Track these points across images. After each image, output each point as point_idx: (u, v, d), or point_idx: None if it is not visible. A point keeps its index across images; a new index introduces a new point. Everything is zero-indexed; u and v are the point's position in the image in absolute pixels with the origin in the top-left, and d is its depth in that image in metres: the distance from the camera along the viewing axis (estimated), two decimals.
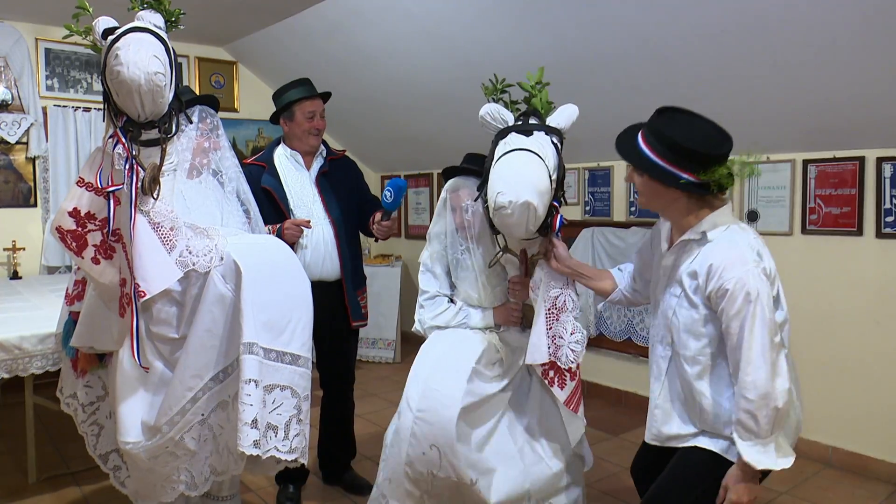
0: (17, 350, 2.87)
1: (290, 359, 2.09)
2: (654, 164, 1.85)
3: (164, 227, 2.02)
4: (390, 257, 5.96)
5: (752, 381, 1.74)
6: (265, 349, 2.03)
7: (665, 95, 3.62)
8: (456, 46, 4.12)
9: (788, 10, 2.81)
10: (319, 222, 2.94)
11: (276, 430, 2.05)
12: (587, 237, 4.44)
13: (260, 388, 2.00)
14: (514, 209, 1.91)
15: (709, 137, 1.83)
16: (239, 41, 5.45)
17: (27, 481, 3.25)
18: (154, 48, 1.86)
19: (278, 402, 2.06)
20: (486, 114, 2.12)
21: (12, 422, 3.86)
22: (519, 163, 1.97)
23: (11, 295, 3.89)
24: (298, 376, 2.10)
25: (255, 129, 5.88)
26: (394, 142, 5.67)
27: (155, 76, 1.83)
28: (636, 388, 4.39)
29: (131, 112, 1.91)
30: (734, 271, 1.77)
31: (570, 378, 2.10)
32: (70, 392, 2.47)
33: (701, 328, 1.88)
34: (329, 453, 3.22)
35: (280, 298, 2.09)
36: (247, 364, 1.98)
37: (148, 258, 1.97)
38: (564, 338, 2.08)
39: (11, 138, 4.74)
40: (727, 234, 1.86)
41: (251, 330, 2.00)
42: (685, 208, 1.90)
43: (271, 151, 3.03)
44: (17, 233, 4.78)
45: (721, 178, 1.82)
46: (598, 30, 3.45)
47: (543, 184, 1.96)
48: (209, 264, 2.06)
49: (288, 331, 2.08)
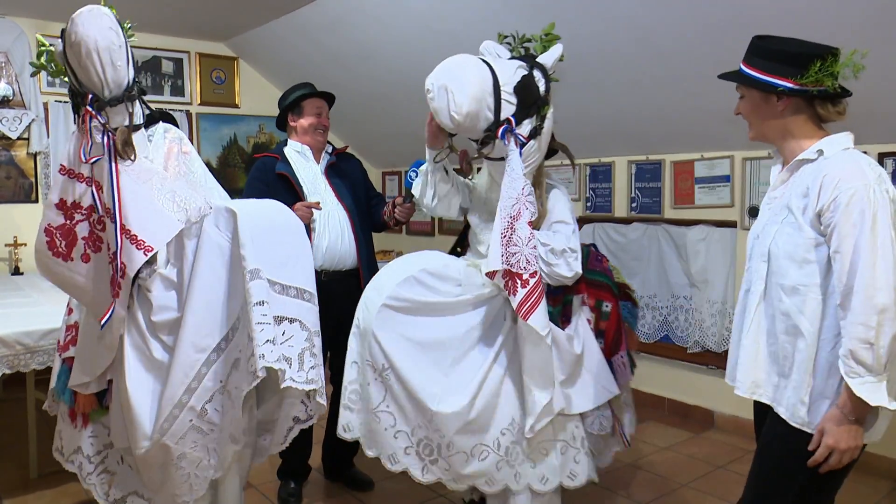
0: (18, 346, 2.87)
1: (296, 292, 2.09)
2: (749, 76, 1.76)
3: (155, 183, 2.04)
4: (391, 253, 5.95)
5: (874, 304, 1.53)
6: (269, 280, 2.02)
7: (666, 91, 3.62)
8: (457, 42, 4.08)
9: (788, 6, 2.80)
10: (333, 209, 2.97)
11: (290, 362, 2.03)
12: (588, 233, 4.44)
13: (270, 315, 1.99)
14: (434, 91, 2.10)
15: (801, 42, 1.71)
16: (240, 37, 5.44)
17: (28, 476, 3.26)
18: (104, 11, 1.92)
19: (289, 335, 2.05)
20: (483, 48, 2.29)
21: (13, 417, 3.87)
22: (455, 59, 2.15)
23: (13, 291, 3.90)
24: (306, 310, 2.10)
25: (255, 125, 5.87)
26: (395, 137, 5.66)
27: (108, 32, 1.88)
28: (637, 384, 4.36)
29: (96, 85, 1.94)
30: (852, 182, 1.58)
31: (521, 285, 2.08)
32: (72, 448, 2.36)
33: (805, 254, 1.67)
34: (332, 448, 3.22)
35: (278, 235, 2.12)
36: (255, 288, 1.97)
37: (145, 213, 1.97)
38: (520, 246, 2.11)
39: (13, 134, 4.74)
40: (847, 153, 1.67)
41: (253, 258, 2.01)
42: (797, 129, 1.75)
43: (282, 147, 3.09)
44: (18, 228, 4.77)
45: (821, 79, 1.66)
46: (600, 26, 3.44)
47: (473, 78, 2.11)
48: (200, 213, 2.07)
49: (290, 264, 2.10)
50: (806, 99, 1.72)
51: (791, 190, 1.74)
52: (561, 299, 2.39)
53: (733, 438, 3.79)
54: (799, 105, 1.73)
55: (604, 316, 2.43)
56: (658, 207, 4.18)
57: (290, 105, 3.04)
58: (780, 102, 1.73)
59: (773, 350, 1.75)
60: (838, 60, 1.68)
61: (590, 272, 2.44)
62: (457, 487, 2.32)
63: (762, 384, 1.77)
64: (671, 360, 4.20)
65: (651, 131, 4.02)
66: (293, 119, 3.05)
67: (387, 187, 6.29)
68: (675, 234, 4.08)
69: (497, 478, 2.26)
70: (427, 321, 2.31)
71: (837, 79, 1.68)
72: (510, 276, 2.11)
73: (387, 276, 2.43)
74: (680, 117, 3.77)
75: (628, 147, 4.26)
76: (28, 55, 4.78)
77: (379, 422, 2.28)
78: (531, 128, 2.22)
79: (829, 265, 1.65)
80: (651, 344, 4.27)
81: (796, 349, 1.69)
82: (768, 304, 1.76)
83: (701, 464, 3.47)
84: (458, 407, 2.20)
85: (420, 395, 2.22)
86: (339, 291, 2.88)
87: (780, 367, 1.73)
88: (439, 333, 2.30)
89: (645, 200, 4.25)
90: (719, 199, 3.86)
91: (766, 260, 1.76)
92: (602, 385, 2.37)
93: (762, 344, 1.77)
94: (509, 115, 2.16)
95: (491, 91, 2.13)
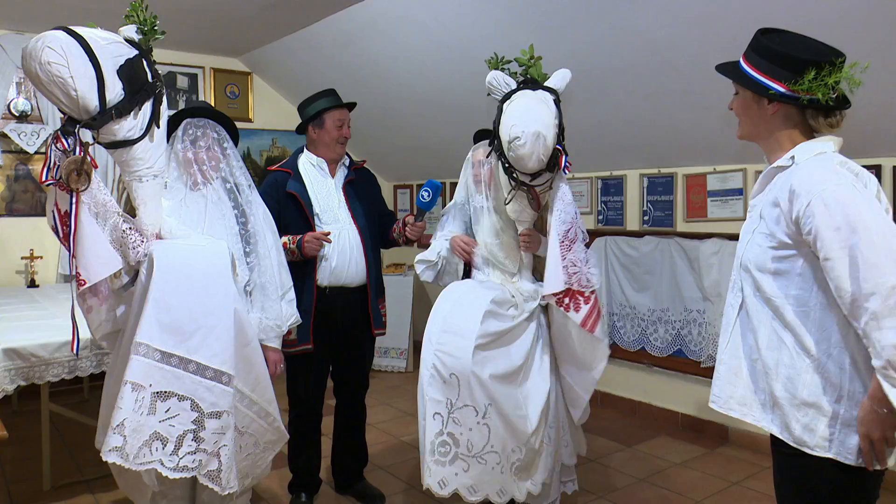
0: (33, 357, 2.89)
1: (196, 368, 2.01)
2: (744, 74, 1.68)
3: (101, 218, 2.06)
4: (403, 266, 5.96)
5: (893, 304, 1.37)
6: (164, 353, 1.99)
7: (678, 104, 3.62)
8: (469, 57, 4.13)
9: (800, 21, 2.80)
10: (345, 228, 2.96)
11: (166, 442, 1.96)
12: (600, 246, 4.43)
13: (147, 393, 1.95)
14: (527, 138, 2.19)
15: (805, 43, 1.62)
16: (253, 52, 5.51)
17: (42, 488, 3.27)
18: (50, 41, 1.85)
19: (173, 413, 1.97)
20: (491, 79, 2.38)
21: (27, 429, 3.89)
22: (528, 102, 2.27)
23: (28, 303, 3.93)
24: (204, 389, 2.01)
25: (269, 139, 5.92)
26: (407, 151, 5.69)
27: (49, 66, 1.84)
28: (650, 399, 4.35)
29: (61, 108, 1.96)
30: (824, 184, 1.48)
31: (584, 301, 2.27)
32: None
33: (777, 265, 1.58)
34: (341, 461, 3.22)
35: (191, 303, 2.05)
36: (131, 364, 1.95)
37: (89, 247, 2.00)
38: (578, 265, 2.27)
39: (30, 148, 4.81)
40: (818, 158, 1.57)
41: (145, 330, 1.98)
42: (784, 136, 1.66)
43: (295, 159, 3.05)
44: (34, 242, 4.83)
45: (813, 88, 1.56)
46: (612, 40, 3.45)
47: (550, 119, 2.25)
48: (136, 258, 2.10)
49: (196, 337, 2.03)
50: (798, 107, 1.63)
51: (765, 198, 1.66)
52: None
53: (748, 454, 3.75)
54: (790, 112, 1.64)
55: None
56: (670, 221, 4.16)
57: (312, 116, 3.01)
58: (771, 106, 1.65)
59: (754, 365, 1.67)
60: (836, 71, 1.57)
61: None
62: (534, 491, 2.48)
63: (746, 402, 1.70)
64: (684, 374, 4.16)
65: (663, 144, 4.01)
66: (314, 130, 3.01)
67: (398, 201, 6.31)
68: (687, 247, 4.06)
69: (548, 466, 2.50)
70: (508, 350, 2.47)
71: (833, 90, 1.58)
72: (571, 295, 2.28)
73: (457, 316, 2.41)
74: (692, 130, 3.77)
75: (640, 160, 4.26)
76: None
77: (485, 463, 2.36)
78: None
79: (804, 276, 1.56)
80: (664, 358, 4.24)
81: (779, 364, 1.60)
82: (746, 317, 1.69)
83: (716, 480, 3.43)
84: (537, 417, 2.42)
85: (519, 425, 2.38)
86: (342, 305, 2.90)
87: (764, 382, 1.65)
88: (513, 357, 2.46)
89: (657, 214, 4.24)
90: (732, 213, 3.85)
91: (742, 271, 1.69)
92: None
93: (742, 358, 1.70)
94: (557, 145, 2.31)
95: (555, 128, 2.30)
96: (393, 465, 3.61)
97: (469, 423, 2.32)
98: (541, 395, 2.45)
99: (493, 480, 2.35)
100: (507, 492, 2.38)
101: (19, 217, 4.86)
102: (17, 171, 4.85)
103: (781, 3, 2.82)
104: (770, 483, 1.74)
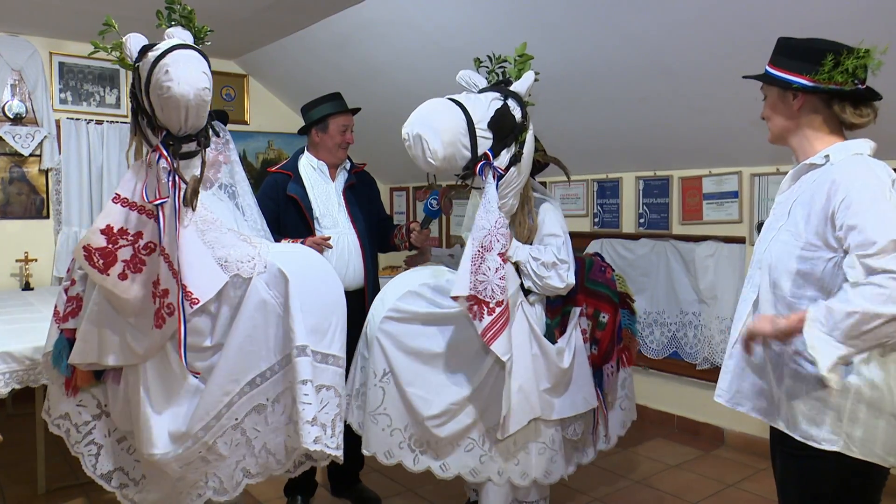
0: (28, 361, 2.88)
1: (333, 360, 2.20)
2: (767, 74, 1.71)
3: (209, 235, 2.10)
4: (399, 269, 5.96)
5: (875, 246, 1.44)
6: (314, 351, 2.14)
7: (673, 107, 3.63)
8: (465, 60, 4.10)
9: (797, 25, 2.81)
10: (345, 232, 2.98)
11: (325, 428, 2.16)
12: (596, 248, 4.43)
13: (313, 388, 2.10)
14: (411, 140, 2.25)
15: (826, 40, 1.65)
16: (249, 54, 5.50)
17: (36, 492, 3.26)
18: (202, 65, 1.88)
19: (325, 402, 2.17)
20: (459, 77, 2.40)
21: (22, 432, 3.87)
22: (427, 106, 2.26)
23: (23, 306, 3.92)
24: (339, 376, 2.22)
25: (265, 142, 5.92)
26: (403, 153, 5.63)
27: (203, 92, 1.85)
28: (646, 401, 4.36)
29: (173, 126, 1.92)
30: (863, 181, 1.50)
31: (487, 313, 2.21)
32: (60, 413, 2.38)
33: (799, 265, 1.59)
34: (337, 464, 3.20)
35: (321, 303, 2.20)
36: (301, 365, 2.09)
37: (196, 266, 2.02)
38: (488, 275, 2.22)
39: (25, 151, 4.79)
40: (856, 158, 1.58)
41: (302, 333, 2.11)
42: (810, 130, 1.68)
43: (296, 161, 3.05)
44: (29, 244, 4.82)
45: (834, 76, 1.59)
46: (608, 43, 3.46)
47: (445, 124, 2.21)
48: (252, 270, 2.15)
49: (329, 333, 2.20)
50: (823, 99, 1.65)
51: (794, 195, 1.67)
52: (559, 310, 2.53)
53: (743, 456, 3.75)
54: (816, 105, 1.66)
55: (600, 325, 2.58)
56: (666, 223, 4.18)
57: (317, 120, 3.01)
58: (796, 101, 1.67)
59: (763, 360, 1.68)
60: (854, 56, 1.60)
61: (590, 282, 2.60)
62: (444, 476, 2.46)
63: (752, 397, 1.72)
64: (680, 376, 4.17)
65: (659, 147, 4.02)
66: (317, 134, 3.02)
67: (395, 203, 6.31)
68: (683, 250, 4.07)
69: (481, 470, 2.45)
70: (425, 331, 2.46)
71: (853, 75, 1.60)
72: (477, 302, 2.23)
73: (391, 290, 2.59)
74: (687, 133, 3.78)
75: (636, 163, 4.27)
76: (41, 73, 4.84)
77: (376, 423, 2.46)
78: (510, 156, 2.31)
79: (822, 280, 1.57)
80: (660, 360, 4.25)
81: (789, 360, 1.61)
82: (759, 313, 1.70)
83: (711, 482, 3.43)
84: (444, 406, 2.38)
85: (415, 401, 2.39)
86: None
87: (772, 378, 1.66)
88: (437, 342, 2.44)
89: (653, 216, 4.25)
90: (727, 215, 3.86)
91: (761, 268, 1.70)
92: (583, 396, 2.53)
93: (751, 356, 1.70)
94: (486, 150, 2.26)
95: (465, 131, 2.24)
96: (389, 468, 3.60)
97: (370, 383, 2.47)
98: (457, 392, 2.39)
99: (381, 441, 2.45)
100: (394, 455, 2.45)
101: (14, 220, 4.84)
102: (11, 173, 4.84)
103: (780, 4, 2.82)
104: (766, 485, 1.73)
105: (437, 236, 5.85)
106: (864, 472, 1.58)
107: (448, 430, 2.40)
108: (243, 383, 2.14)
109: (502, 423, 2.32)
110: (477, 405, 2.42)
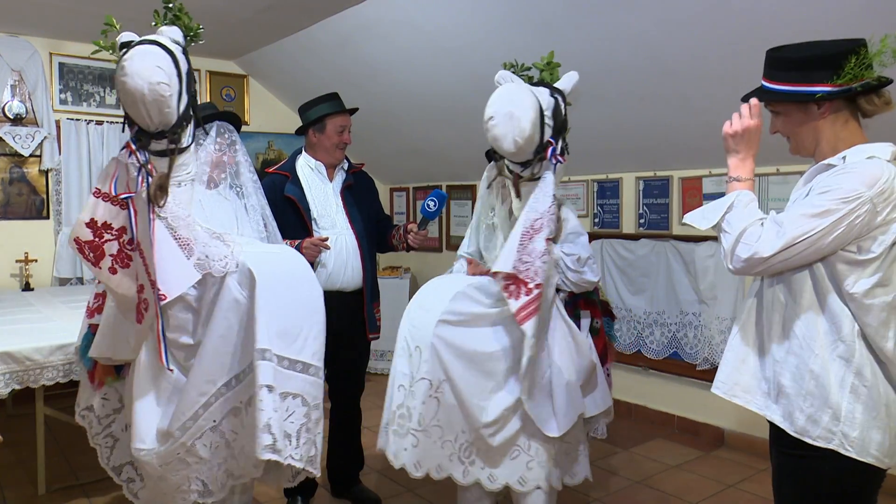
0: (28, 361, 2.88)
1: (302, 367, 2.12)
2: (781, 91, 1.66)
3: (181, 232, 2.07)
4: (399, 269, 5.96)
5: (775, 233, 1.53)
6: (278, 356, 2.06)
7: (673, 107, 3.63)
8: (464, 60, 4.14)
9: (799, 24, 2.81)
10: (343, 233, 2.97)
11: (290, 438, 2.08)
12: (596, 249, 4.43)
13: (275, 395, 2.03)
14: (499, 119, 2.20)
15: (821, 44, 1.64)
16: (249, 55, 5.50)
17: (37, 492, 3.25)
18: (158, 59, 1.89)
19: (291, 410, 2.09)
20: (499, 77, 2.36)
21: (23, 433, 3.88)
22: (506, 89, 2.27)
23: (23, 306, 3.92)
24: (309, 385, 2.13)
25: (265, 142, 5.92)
26: (403, 154, 5.69)
27: (158, 86, 1.86)
28: (646, 402, 4.36)
29: (140, 122, 1.95)
30: (854, 186, 1.51)
31: (525, 293, 2.20)
32: (86, 404, 2.46)
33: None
34: (338, 465, 3.21)
35: (293, 307, 2.13)
36: (261, 369, 2.02)
37: (167, 262, 2.01)
38: (532, 256, 2.21)
39: (25, 151, 4.79)
40: (869, 161, 1.57)
41: (265, 336, 2.03)
42: (841, 132, 1.65)
43: (293, 161, 3.06)
44: (29, 244, 4.82)
45: (859, 73, 1.57)
46: (607, 43, 3.46)
47: (528, 104, 2.20)
48: (224, 269, 2.11)
49: (300, 339, 2.12)
50: (846, 98, 1.63)
51: (801, 193, 1.67)
52: (572, 313, 2.53)
53: (744, 457, 3.75)
54: (838, 107, 1.65)
55: (594, 332, 2.60)
56: (666, 223, 4.18)
57: (314, 121, 3.02)
58: (822, 109, 1.65)
59: (762, 354, 1.69)
60: (869, 50, 1.59)
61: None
62: (492, 488, 2.41)
63: (750, 390, 1.71)
64: (680, 376, 4.17)
65: (659, 147, 4.02)
66: (314, 134, 3.02)
67: (395, 203, 6.31)
68: (683, 250, 4.07)
69: (529, 478, 2.38)
70: (479, 332, 2.40)
71: (871, 67, 1.60)
72: (516, 281, 2.21)
73: (432, 295, 2.50)
74: (687, 133, 3.78)
75: (636, 163, 4.27)
76: (41, 73, 4.85)
77: (430, 436, 2.38)
78: (561, 147, 2.37)
79: (823, 276, 1.58)
80: (660, 361, 4.25)
81: (789, 354, 1.62)
82: (761, 307, 1.71)
83: (711, 483, 3.43)
84: (499, 412, 2.32)
85: (473, 409, 2.33)
86: (337, 309, 2.89)
87: (771, 372, 1.67)
88: (490, 344, 2.39)
89: (653, 216, 4.25)
90: None
91: None
92: (601, 395, 2.57)
93: (751, 346, 1.71)
94: (549, 138, 2.29)
95: (539, 117, 2.25)
96: (389, 468, 3.59)
97: (422, 397, 2.36)
98: (508, 397, 2.36)
99: (433, 455, 2.38)
100: (444, 469, 2.38)
101: (14, 220, 4.85)
102: (11, 173, 4.84)
103: (779, 5, 2.82)
104: (765, 486, 1.74)
105: (437, 237, 5.85)
106: (860, 472, 1.58)
107: (501, 438, 2.36)
108: (219, 384, 2.11)
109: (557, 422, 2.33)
110: (523, 409, 2.39)
